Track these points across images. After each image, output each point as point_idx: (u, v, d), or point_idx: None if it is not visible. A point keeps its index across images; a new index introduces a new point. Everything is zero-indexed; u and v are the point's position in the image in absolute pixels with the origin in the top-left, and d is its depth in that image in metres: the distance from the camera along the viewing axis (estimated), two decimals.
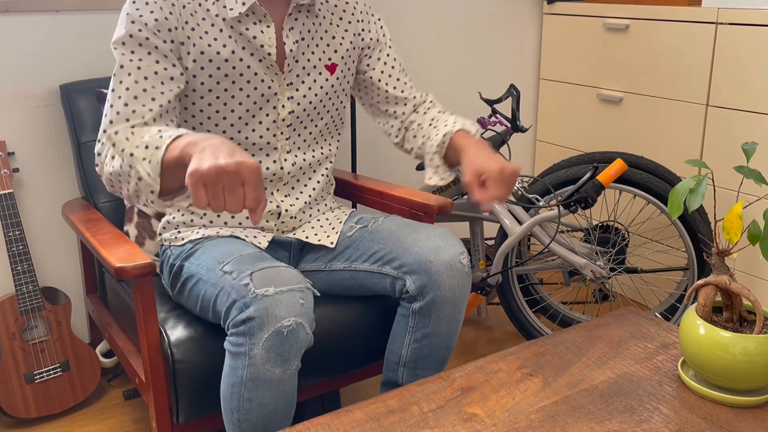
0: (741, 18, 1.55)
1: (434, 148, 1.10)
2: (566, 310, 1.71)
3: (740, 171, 0.78)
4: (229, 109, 1.06)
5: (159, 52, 1.00)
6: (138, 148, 0.91)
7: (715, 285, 0.82)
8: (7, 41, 1.39)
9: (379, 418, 0.79)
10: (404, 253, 1.03)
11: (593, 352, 0.92)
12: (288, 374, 0.92)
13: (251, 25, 1.05)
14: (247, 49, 1.05)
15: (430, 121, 1.16)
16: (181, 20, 1.01)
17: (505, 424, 0.76)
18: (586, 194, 1.41)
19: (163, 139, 0.89)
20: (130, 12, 1.00)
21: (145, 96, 0.98)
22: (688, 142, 1.71)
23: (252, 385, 0.91)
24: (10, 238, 1.34)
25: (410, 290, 1.02)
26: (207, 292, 0.99)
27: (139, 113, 0.98)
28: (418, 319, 1.04)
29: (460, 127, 1.08)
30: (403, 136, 1.21)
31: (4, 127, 1.42)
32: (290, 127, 1.11)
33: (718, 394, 0.80)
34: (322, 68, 1.12)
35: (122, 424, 1.41)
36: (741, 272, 1.64)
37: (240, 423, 0.94)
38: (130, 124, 0.97)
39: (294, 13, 1.09)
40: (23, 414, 1.38)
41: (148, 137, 0.91)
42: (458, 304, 1.04)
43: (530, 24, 2.04)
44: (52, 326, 1.40)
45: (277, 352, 0.89)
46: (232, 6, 1.03)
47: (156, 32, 0.99)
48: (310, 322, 0.92)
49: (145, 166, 0.89)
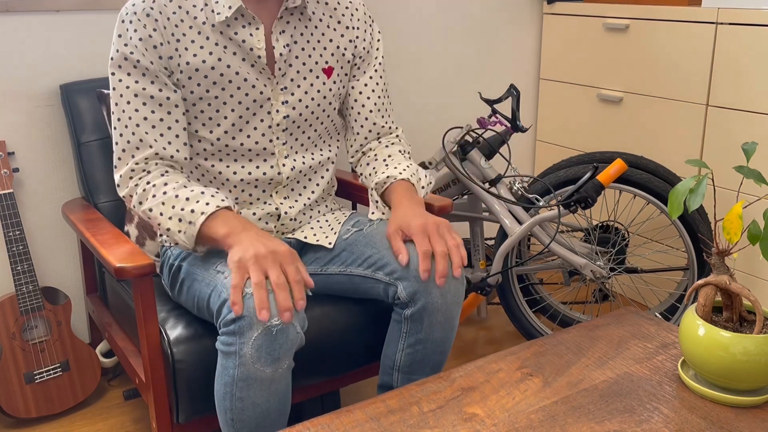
0: (741, 18, 1.54)
1: (374, 185, 1.12)
2: (566, 310, 1.71)
3: (740, 171, 0.78)
4: (222, 116, 1.06)
5: (151, 74, 1.01)
6: (171, 221, 0.98)
7: (715, 285, 0.82)
8: (8, 41, 1.39)
9: (379, 418, 0.78)
10: (395, 258, 1.03)
11: (593, 352, 0.92)
12: (279, 373, 0.92)
13: (240, 28, 1.04)
14: (238, 54, 1.05)
15: (385, 157, 1.16)
16: (167, 33, 1.02)
17: (505, 424, 0.76)
18: (586, 194, 1.41)
19: (195, 214, 0.97)
20: (122, 34, 1.02)
21: (147, 124, 1.01)
22: (688, 142, 1.71)
23: (243, 384, 0.91)
24: (10, 238, 1.33)
25: (401, 297, 1.02)
26: (201, 291, 0.99)
27: (146, 141, 1.02)
28: (411, 325, 1.04)
29: (406, 177, 1.10)
30: (358, 159, 1.21)
31: (4, 126, 1.42)
32: (286, 132, 1.10)
33: (718, 394, 0.80)
34: (318, 71, 1.12)
35: (122, 424, 1.40)
36: (741, 272, 1.64)
37: (234, 422, 0.94)
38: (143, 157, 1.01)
39: (285, 16, 1.08)
40: (23, 414, 1.38)
41: (180, 209, 0.98)
42: (451, 311, 1.03)
43: (530, 24, 2.04)
44: (52, 326, 1.40)
45: (267, 351, 0.89)
46: (220, 10, 1.03)
47: (144, 52, 1.01)
48: (301, 321, 0.92)
49: (181, 237, 0.98)
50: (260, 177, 1.10)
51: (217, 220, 0.96)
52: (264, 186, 1.11)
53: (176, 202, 0.98)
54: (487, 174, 1.55)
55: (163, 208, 0.99)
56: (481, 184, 1.53)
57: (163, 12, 1.02)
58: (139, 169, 1.02)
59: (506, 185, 1.53)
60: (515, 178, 1.55)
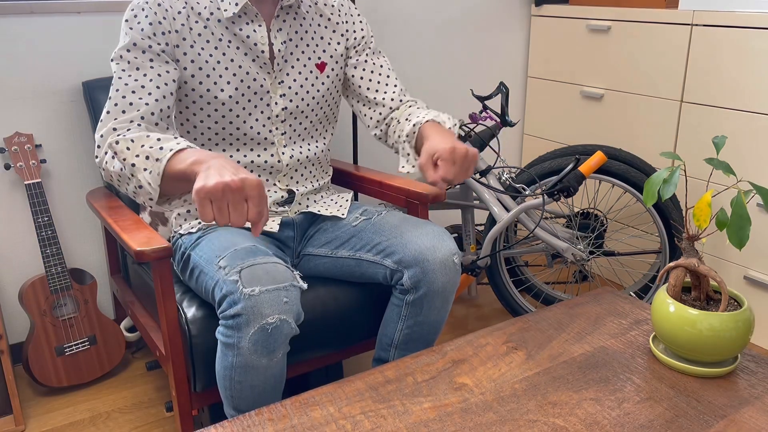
0: (715, 20, 1.53)
1: (404, 137, 1.07)
2: (549, 290, 1.72)
3: (710, 162, 0.78)
4: (225, 107, 1.05)
5: (153, 52, 0.99)
6: (138, 158, 0.88)
7: (685, 267, 0.82)
8: (33, 41, 1.37)
9: (378, 387, 0.79)
10: (403, 248, 1.03)
11: (572, 327, 0.93)
12: (275, 362, 0.92)
13: (244, 25, 1.04)
14: (241, 48, 1.04)
15: (407, 116, 1.12)
16: (176, 24, 1.00)
17: (492, 393, 0.77)
18: (568, 184, 1.41)
19: (163, 152, 0.87)
20: (129, 19, 0.99)
21: (143, 91, 0.96)
22: (663, 135, 1.70)
23: (242, 370, 0.92)
24: (39, 223, 1.34)
25: (405, 284, 1.03)
26: (207, 283, 0.99)
27: (136, 105, 0.95)
28: (411, 309, 1.04)
29: (430, 119, 1.03)
30: (385, 132, 1.17)
31: (31, 121, 1.41)
32: (285, 123, 1.10)
33: (685, 366, 0.81)
34: (312, 67, 1.11)
35: (145, 392, 1.42)
36: (709, 255, 1.65)
37: (233, 399, 0.95)
38: (128, 118, 0.94)
39: (281, 15, 1.07)
40: (55, 383, 1.39)
41: (149, 147, 0.88)
42: (448, 297, 1.05)
43: (519, 25, 2.02)
44: (79, 304, 1.40)
45: (263, 345, 0.90)
46: (226, 7, 1.02)
47: (152, 35, 0.99)
48: (295, 316, 0.92)
49: (146, 176, 0.88)
50: (262, 164, 1.10)
51: (185, 152, 0.85)
52: (266, 175, 1.11)
53: (147, 141, 0.89)
54: (478, 165, 1.55)
55: (132, 144, 0.89)
56: (472, 175, 1.53)
57: (174, 6, 1.01)
58: (122, 128, 0.94)
59: (495, 175, 1.53)
60: (504, 169, 1.54)
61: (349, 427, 0.71)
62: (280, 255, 1.07)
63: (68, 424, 1.31)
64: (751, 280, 1.57)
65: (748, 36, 1.47)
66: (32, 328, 1.37)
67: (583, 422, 0.71)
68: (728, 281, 1.61)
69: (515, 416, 0.72)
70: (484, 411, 0.74)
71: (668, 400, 0.75)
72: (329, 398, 0.77)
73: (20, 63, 1.37)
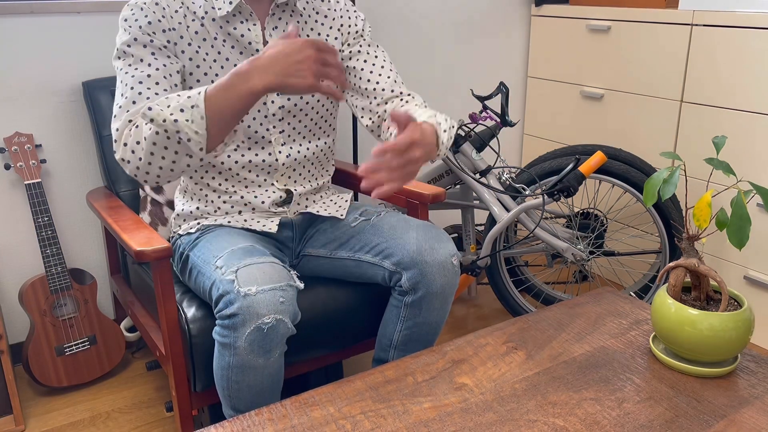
0: (715, 20, 1.53)
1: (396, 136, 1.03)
2: (549, 290, 1.72)
3: (710, 162, 0.78)
4: None
5: (155, 47, 0.99)
6: (173, 115, 0.87)
7: (685, 267, 0.82)
8: (33, 41, 1.37)
9: (378, 387, 0.79)
10: (401, 250, 1.03)
11: (573, 327, 0.93)
12: (271, 361, 0.92)
13: (238, 24, 1.04)
14: (236, 47, 1.04)
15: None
16: (173, 22, 1.01)
17: (492, 393, 0.77)
18: (568, 184, 1.41)
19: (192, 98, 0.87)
20: (127, 17, 0.99)
21: (150, 80, 0.96)
22: (663, 135, 1.70)
23: (239, 370, 0.92)
24: (39, 223, 1.34)
25: (404, 286, 1.02)
26: (204, 283, 0.99)
27: (145, 94, 0.95)
28: (410, 310, 1.04)
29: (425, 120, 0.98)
30: (378, 125, 1.15)
31: (31, 121, 1.41)
32: (283, 122, 1.09)
33: (685, 366, 0.81)
34: None
35: (145, 392, 1.42)
36: (709, 255, 1.65)
37: (231, 398, 0.95)
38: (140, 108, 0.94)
39: (277, 12, 1.07)
40: (55, 383, 1.39)
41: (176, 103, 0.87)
42: (447, 298, 1.05)
43: (519, 25, 2.02)
44: (79, 304, 1.40)
45: (259, 345, 0.90)
46: (221, 6, 1.02)
47: (152, 32, 0.99)
48: (292, 315, 0.92)
49: (191, 128, 0.87)
50: (259, 163, 1.09)
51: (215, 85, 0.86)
52: (263, 174, 1.11)
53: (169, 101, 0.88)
54: (478, 165, 1.55)
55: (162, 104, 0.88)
56: (472, 175, 1.53)
57: (171, 5, 1.01)
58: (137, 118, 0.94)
59: (495, 176, 1.53)
60: (504, 169, 1.54)
61: (349, 427, 0.71)
62: (279, 256, 1.07)
63: (68, 424, 1.31)
64: (751, 280, 1.57)
65: (748, 36, 1.47)
66: (32, 328, 1.37)
67: (583, 422, 0.71)
68: (728, 281, 1.61)
69: (515, 416, 0.72)
70: (484, 411, 0.73)
71: (668, 400, 0.75)
72: (329, 398, 0.77)
73: (20, 63, 1.37)
